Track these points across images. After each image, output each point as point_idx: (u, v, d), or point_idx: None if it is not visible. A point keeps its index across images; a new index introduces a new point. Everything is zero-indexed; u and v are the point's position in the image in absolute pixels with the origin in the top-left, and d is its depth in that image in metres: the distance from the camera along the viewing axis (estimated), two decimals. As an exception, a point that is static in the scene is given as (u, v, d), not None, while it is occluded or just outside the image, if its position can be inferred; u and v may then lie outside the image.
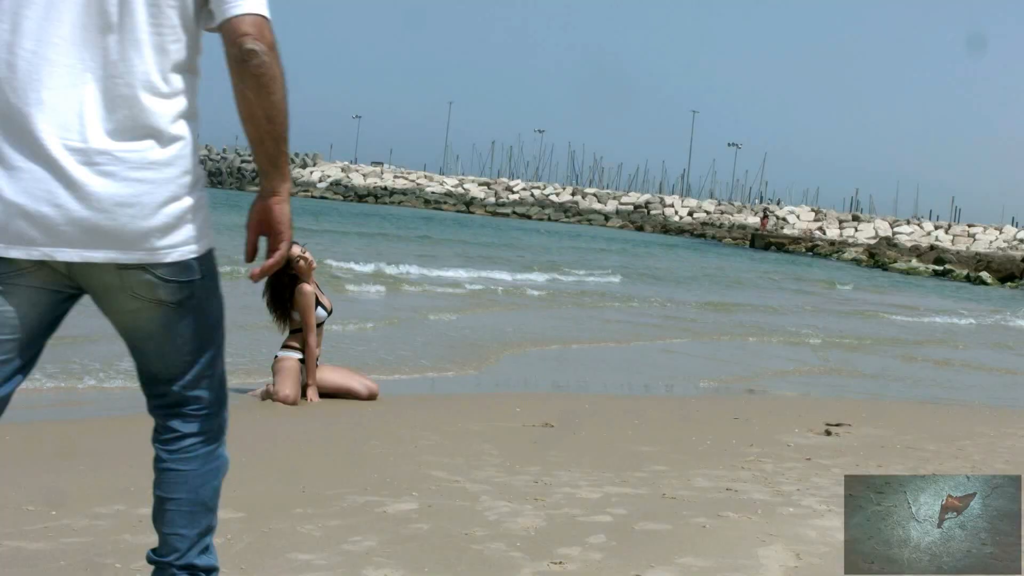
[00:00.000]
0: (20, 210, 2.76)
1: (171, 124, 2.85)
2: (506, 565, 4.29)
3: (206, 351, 3.07)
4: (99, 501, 4.93)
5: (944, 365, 14.71)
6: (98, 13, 2.78)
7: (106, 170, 2.76)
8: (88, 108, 2.77)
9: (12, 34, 2.79)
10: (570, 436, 7.20)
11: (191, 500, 3.13)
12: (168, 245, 2.85)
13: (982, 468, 6.97)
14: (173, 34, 2.84)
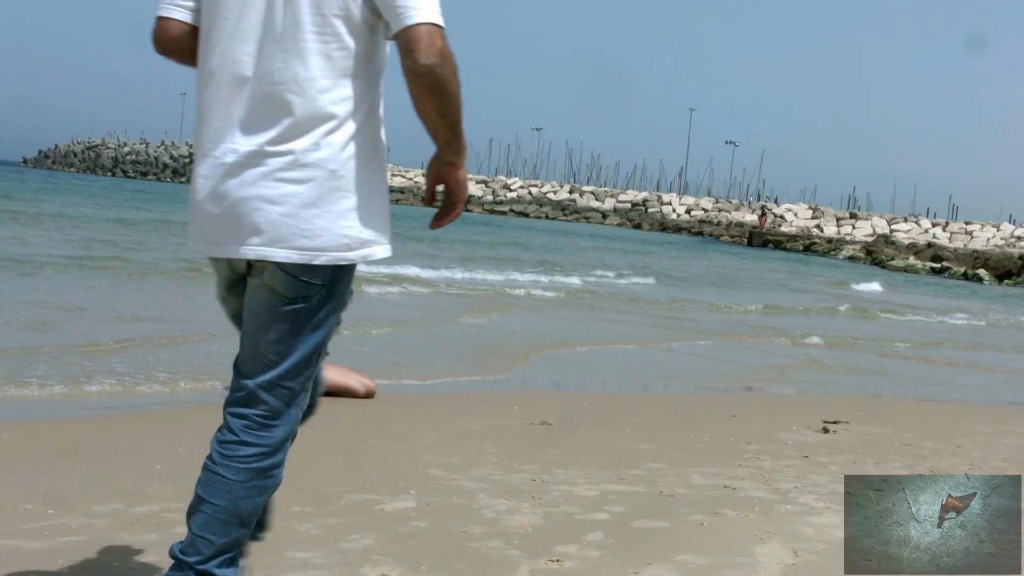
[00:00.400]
0: (200, 211, 3.10)
1: (333, 129, 3.01)
2: (504, 563, 4.29)
3: (290, 359, 3.14)
4: (96, 500, 4.93)
5: (951, 364, 14.72)
6: (268, 24, 2.99)
7: (262, 173, 2.99)
8: (252, 114, 3.00)
9: (204, 54, 3.10)
10: (568, 434, 7.20)
11: (228, 510, 3.15)
12: (310, 247, 3.01)
13: (980, 466, 6.98)
14: (337, 42, 2.99)
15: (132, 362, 9.02)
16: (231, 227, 3.03)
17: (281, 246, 3.00)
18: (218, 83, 3.05)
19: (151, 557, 4.15)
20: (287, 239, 3.00)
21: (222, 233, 3.06)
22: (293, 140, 2.99)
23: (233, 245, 3.04)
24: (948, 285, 42.07)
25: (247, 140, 3.01)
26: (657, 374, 11.54)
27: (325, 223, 3.02)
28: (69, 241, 22.68)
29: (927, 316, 23.27)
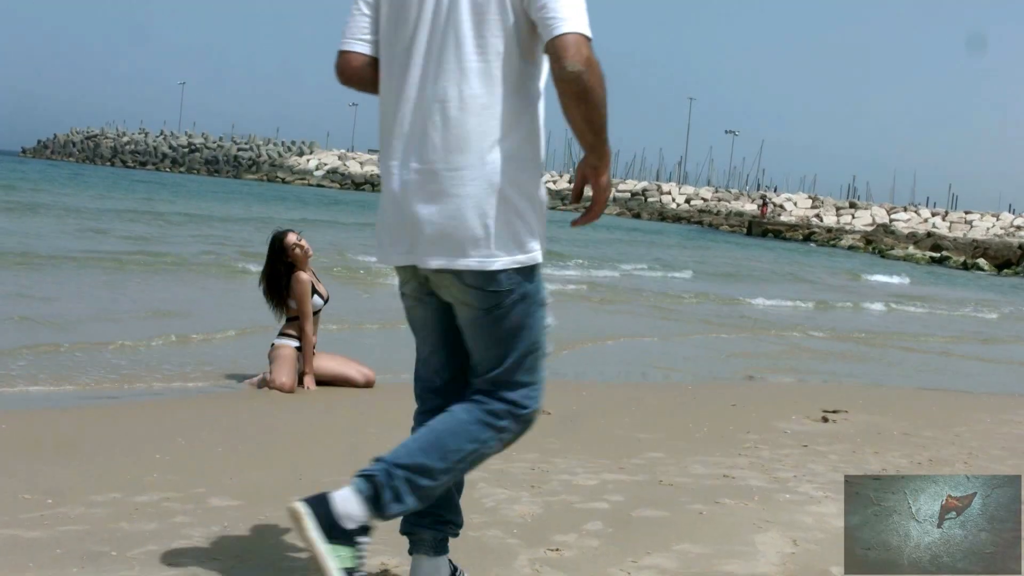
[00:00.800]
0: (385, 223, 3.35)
1: (496, 143, 3.21)
2: (503, 552, 4.29)
3: (508, 359, 3.35)
4: (95, 490, 4.92)
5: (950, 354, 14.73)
6: (435, 48, 3.23)
7: (435, 187, 3.21)
8: (425, 133, 3.23)
9: (384, 80, 3.37)
10: (567, 424, 7.20)
11: (435, 437, 3.37)
12: (486, 256, 3.22)
13: (978, 455, 6.98)
14: (498, 60, 3.20)
15: (144, 355, 9.02)
16: (415, 239, 3.26)
17: (459, 256, 3.22)
18: (396, 106, 3.30)
19: (151, 546, 4.14)
20: (465, 250, 3.21)
21: (408, 244, 3.29)
22: (462, 156, 3.20)
23: (417, 256, 3.28)
24: (965, 276, 42.03)
25: (422, 158, 3.24)
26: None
27: (496, 232, 3.21)
28: (84, 234, 22.69)
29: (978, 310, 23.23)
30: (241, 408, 7.32)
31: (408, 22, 3.29)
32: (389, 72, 3.36)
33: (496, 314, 3.30)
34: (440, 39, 3.23)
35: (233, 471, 5.44)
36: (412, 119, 3.27)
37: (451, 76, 3.21)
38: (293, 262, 8.19)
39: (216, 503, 4.82)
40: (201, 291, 14.49)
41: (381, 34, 3.39)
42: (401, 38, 3.31)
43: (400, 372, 9.07)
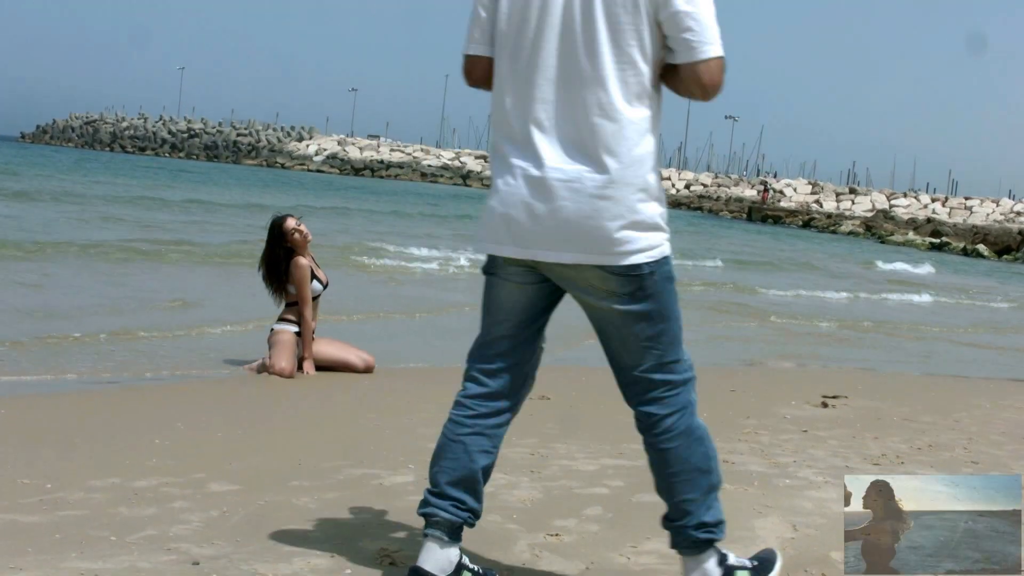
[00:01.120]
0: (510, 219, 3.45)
1: (629, 145, 3.35)
2: (503, 537, 4.29)
3: (663, 341, 3.52)
4: (94, 475, 4.92)
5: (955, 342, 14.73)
6: (570, 54, 3.36)
7: (571, 187, 3.34)
8: (562, 136, 3.38)
9: (507, 82, 3.48)
10: (567, 408, 7.19)
11: (687, 470, 3.53)
12: (626, 251, 3.36)
13: (978, 440, 6.97)
14: (632, 69, 3.35)
15: (141, 340, 9.02)
16: (551, 237, 3.39)
17: (600, 253, 3.36)
18: (524, 108, 3.42)
19: (149, 531, 4.14)
20: (605, 248, 3.35)
21: (539, 240, 3.41)
22: (601, 158, 3.34)
23: (555, 252, 3.41)
24: (972, 263, 42.01)
25: (558, 159, 3.37)
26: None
27: (635, 229, 3.36)
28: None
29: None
30: (240, 393, 7.31)
31: (530, 23, 3.41)
32: (513, 73, 3.46)
33: (634, 306, 3.44)
34: (573, 45, 3.36)
35: (232, 456, 5.43)
36: (545, 122, 3.40)
37: (589, 82, 3.35)
38: (292, 247, 8.18)
39: (215, 488, 4.81)
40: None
41: (500, 35, 3.49)
42: (525, 40, 3.42)
43: (400, 359, 9.08)
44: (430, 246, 22.16)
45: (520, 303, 3.63)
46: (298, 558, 3.91)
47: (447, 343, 10.34)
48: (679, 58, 3.36)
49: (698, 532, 3.56)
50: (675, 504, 3.59)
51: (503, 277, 3.61)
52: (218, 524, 4.29)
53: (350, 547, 4.06)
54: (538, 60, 3.41)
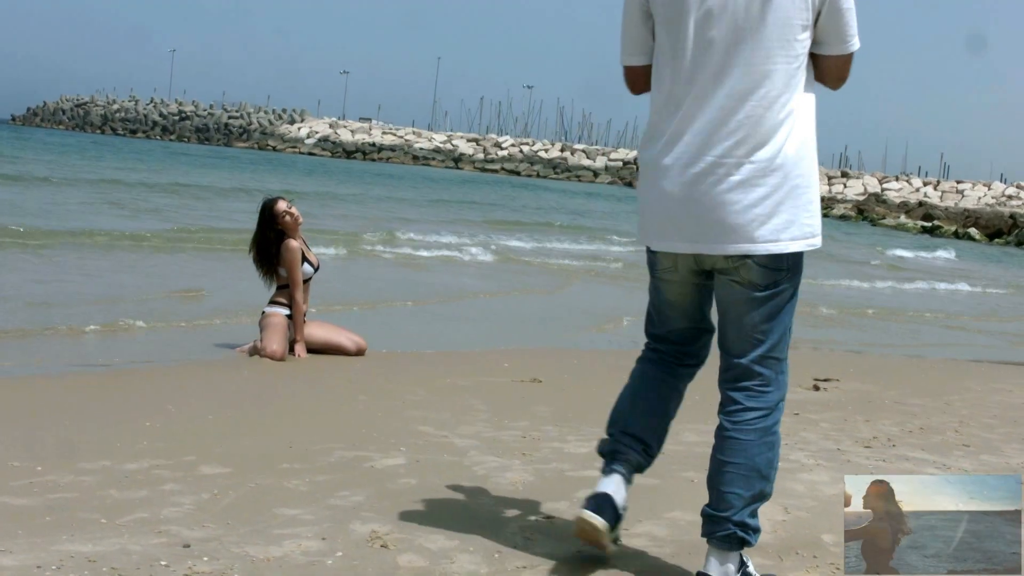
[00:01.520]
0: (669, 213, 3.60)
1: (791, 137, 3.49)
2: (494, 519, 4.28)
3: (773, 335, 3.64)
4: (85, 457, 4.90)
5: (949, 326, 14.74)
6: (735, 48, 3.47)
7: (736, 179, 3.46)
8: (723, 128, 3.48)
9: (665, 77, 3.61)
10: (558, 391, 7.19)
11: (748, 466, 3.61)
12: (779, 239, 3.50)
13: (969, 422, 6.99)
14: (796, 62, 3.49)
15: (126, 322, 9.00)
16: (709, 228, 3.52)
17: (757, 242, 3.48)
18: (686, 103, 3.53)
19: (140, 514, 4.13)
20: (761, 236, 3.48)
21: (699, 233, 3.54)
22: (759, 149, 3.46)
23: (713, 243, 3.53)
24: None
25: (724, 152, 3.47)
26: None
27: (789, 218, 3.50)
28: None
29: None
30: (231, 376, 7.30)
31: (687, 23, 3.52)
32: (675, 71, 3.57)
33: (772, 290, 3.59)
34: (739, 41, 3.46)
35: (223, 439, 5.42)
36: (709, 116, 3.49)
37: (756, 76, 3.46)
38: (283, 229, 8.16)
39: (206, 470, 4.80)
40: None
41: (659, 36, 3.63)
42: (683, 39, 3.53)
43: (391, 343, 9.06)
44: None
45: (685, 296, 3.86)
46: (289, 541, 3.90)
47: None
48: (830, 50, 3.56)
49: (737, 529, 3.62)
50: (722, 494, 3.64)
51: (662, 276, 3.85)
52: (209, 507, 4.28)
53: (341, 530, 4.05)
54: (708, 58, 3.51)
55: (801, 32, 3.48)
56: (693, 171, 3.51)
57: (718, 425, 3.72)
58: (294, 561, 3.73)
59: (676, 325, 3.91)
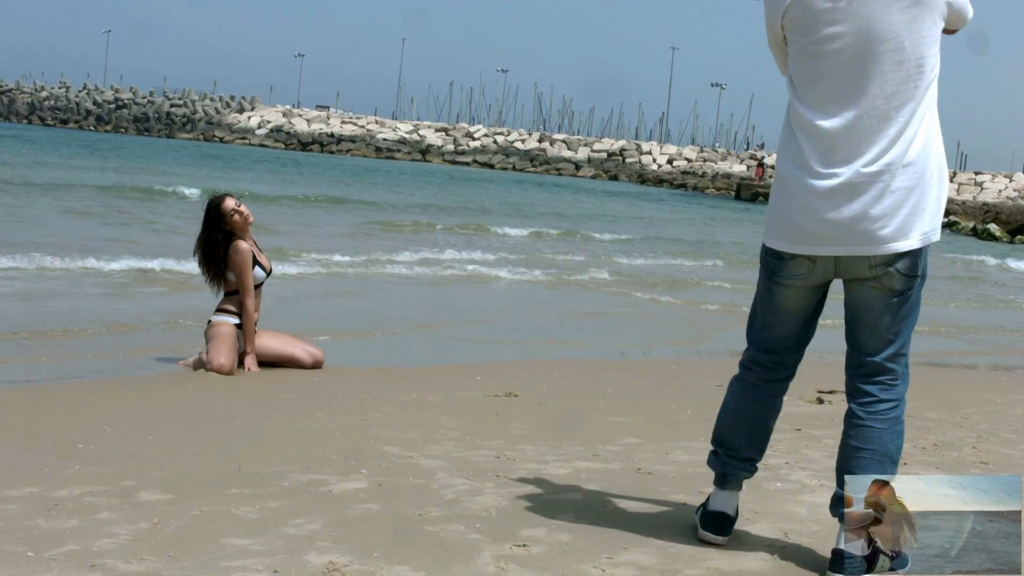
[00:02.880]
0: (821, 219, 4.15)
1: (928, 146, 4.11)
2: (464, 548, 4.29)
3: (904, 334, 4.27)
4: (9, 484, 4.89)
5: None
6: (875, 65, 4.08)
7: (882, 185, 4.05)
8: (865, 138, 4.07)
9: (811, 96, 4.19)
10: (536, 406, 7.21)
11: (880, 452, 4.24)
12: (918, 236, 4.11)
13: (988, 438, 7.03)
14: (931, 73, 4.11)
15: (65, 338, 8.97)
16: (863, 232, 4.08)
17: (906, 239, 4.08)
18: (832, 118, 4.10)
19: (71, 546, 4.12)
20: (909, 234, 4.08)
21: (851, 237, 4.10)
22: (908, 158, 4.05)
23: (867, 246, 4.10)
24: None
25: (871, 161, 4.05)
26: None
27: (927, 215, 4.11)
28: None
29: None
30: (174, 392, 7.29)
31: (829, 43, 4.10)
32: (820, 88, 4.15)
33: (907, 294, 4.21)
34: (879, 60, 4.05)
35: (165, 462, 5.42)
36: (856, 128, 4.07)
37: (898, 91, 4.05)
38: (232, 230, 8.14)
39: (145, 497, 4.79)
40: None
41: (796, 57, 4.22)
42: (825, 62, 4.12)
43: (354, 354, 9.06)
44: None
45: (802, 304, 4.44)
46: (237, 574, 3.90)
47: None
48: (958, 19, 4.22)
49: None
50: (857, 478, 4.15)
51: (787, 282, 4.40)
52: (148, 537, 4.27)
53: (295, 561, 4.05)
54: (850, 77, 4.11)
55: (934, 49, 4.11)
56: (843, 180, 4.10)
57: (848, 413, 4.32)
58: (243, 596, 3.72)
59: (784, 332, 4.49)
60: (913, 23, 4.05)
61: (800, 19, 4.15)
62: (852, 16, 4.06)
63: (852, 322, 4.33)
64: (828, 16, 4.09)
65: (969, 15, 4.20)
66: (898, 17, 4.03)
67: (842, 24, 4.07)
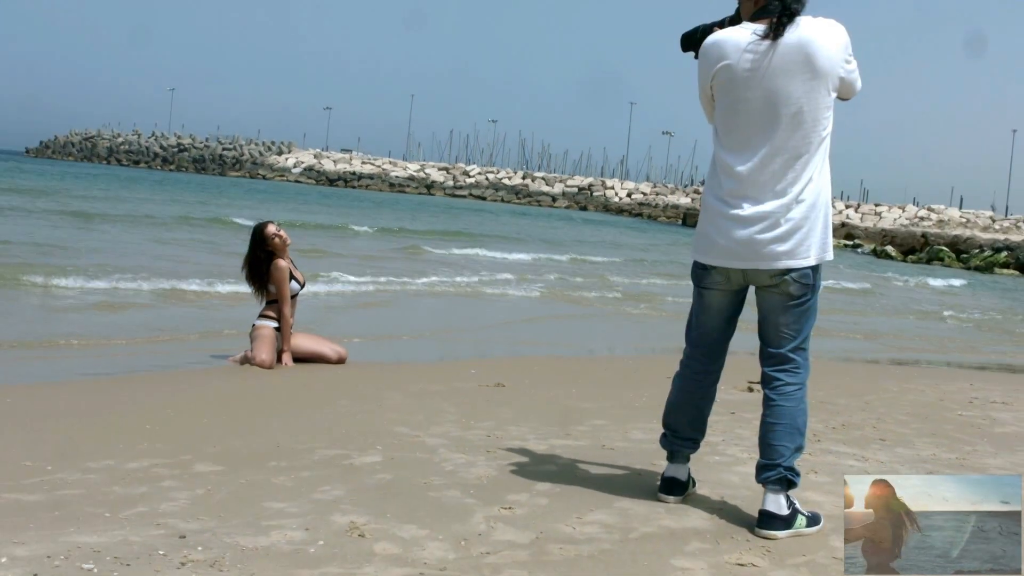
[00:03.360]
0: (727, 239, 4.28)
1: (816, 182, 4.21)
2: (461, 510, 4.28)
3: (803, 331, 4.35)
4: (91, 457, 4.87)
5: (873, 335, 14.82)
6: (781, 120, 4.16)
7: (782, 215, 4.17)
8: (777, 175, 4.18)
9: (737, 139, 4.26)
10: (520, 395, 7.19)
11: (791, 425, 4.29)
12: (810, 255, 4.22)
13: (886, 419, 7.04)
14: (824, 126, 4.21)
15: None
16: (762, 251, 4.19)
17: (796, 258, 4.19)
18: (745, 161, 4.19)
19: (140, 508, 4.10)
20: (798, 254, 4.18)
21: (754, 254, 4.20)
22: (796, 190, 4.16)
23: (766, 262, 4.20)
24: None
25: (772, 192, 4.17)
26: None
27: (815, 240, 4.21)
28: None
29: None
30: (224, 383, 7.26)
31: (745, 104, 4.18)
32: (737, 137, 4.24)
33: (803, 299, 4.28)
34: (783, 119, 4.13)
35: (216, 439, 5.39)
36: (763, 171, 4.16)
37: (797, 144, 4.14)
38: (273, 250, 8.13)
39: (200, 468, 4.77)
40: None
41: (720, 112, 4.30)
42: (741, 118, 4.20)
43: (368, 349, 9.03)
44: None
45: (723, 306, 4.53)
46: (275, 531, 3.88)
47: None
48: (846, 92, 4.28)
49: (787, 473, 4.25)
50: (773, 447, 4.27)
51: (710, 288, 4.50)
52: (203, 501, 4.26)
53: (323, 521, 4.03)
54: (762, 130, 4.20)
55: (827, 110, 4.17)
56: (753, 211, 4.20)
57: (764, 397, 4.36)
58: (280, 550, 3.70)
59: (712, 329, 4.57)
60: (811, 92, 4.12)
61: (725, 82, 4.22)
62: (764, 84, 4.14)
63: (761, 322, 4.40)
64: (746, 82, 4.16)
65: (858, 88, 4.27)
66: (799, 87, 4.11)
67: (756, 89, 4.15)
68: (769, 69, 4.12)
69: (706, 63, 4.29)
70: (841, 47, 4.16)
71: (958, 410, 7.66)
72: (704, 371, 4.61)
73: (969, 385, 9.12)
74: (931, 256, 46.44)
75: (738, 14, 4.35)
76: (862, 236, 53.58)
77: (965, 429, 6.90)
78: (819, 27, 4.15)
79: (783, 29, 4.12)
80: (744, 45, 4.17)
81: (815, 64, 4.11)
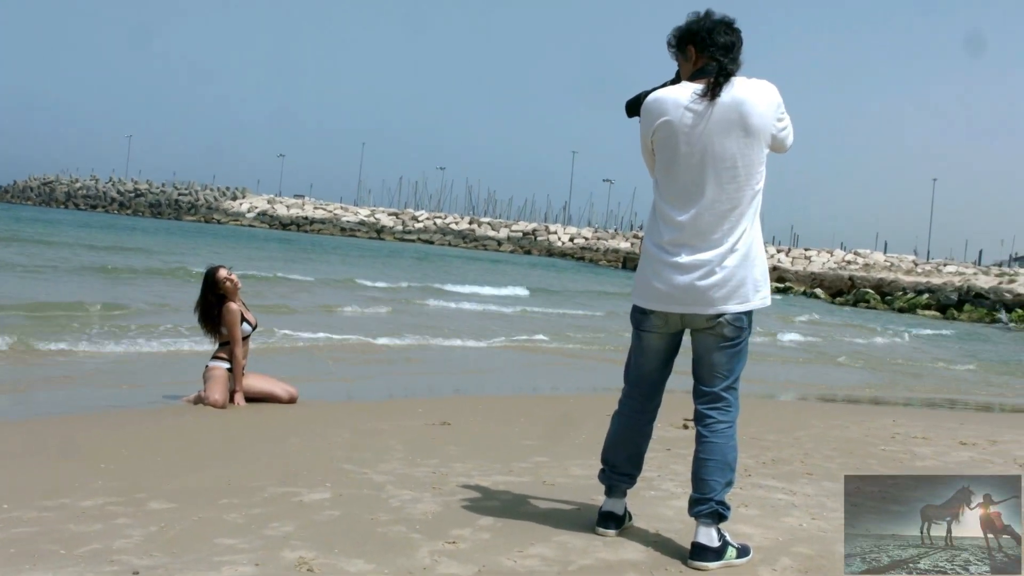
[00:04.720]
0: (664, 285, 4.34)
1: (749, 232, 4.28)
2: (407, 545, 4.28)
3: (735, 372, 4.41)
4: (46, 495, 4.81)
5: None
6: (716, 175, 4.23)
7: (716, 262, 4.24)
8: (712, 225, 4.24)
9: (675, 188, 4.32)
10: (465, 433, 7.20)
11: (722, 460, 4.33)
12: (745, 301, 4.29)
13: (813, 454, 7.13)
14: (756, 180, 4.28)
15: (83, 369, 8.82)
16: (700, 296, 4.26)
17: (731, 303, 4.26)
18: (683, 211, 4.26)
19: (95, 545, 4.06)
20: (733, 300, 4.26)
21: (692, 299, 4.27)
22: (732, 240, 4.22)
23: (703, 307, 4.27)
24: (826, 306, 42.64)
25: (709, 242, 4.22)
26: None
27: (749, 286, 4.28)
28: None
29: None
30: (178, 422, 7.20)
31: (684, 158, 4.24)
32: (675, 189, 4.30)
33: (735, 341, 4.35)
34: (719, 173, 4.20)
35: (170, 477, 5.35)
36: (700, 221, 4.22)
37: (727, 191, 4.20)
38: (224, 294, 8.09)
39: (154, 506, 4.74)
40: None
41: (660, 165, 4.35)
42: (680, 171, 4.26)
43: (314, 390, 8.99)
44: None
45: (661, 348, 4.57)
46: (227, 567, 3.86)
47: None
48: (777, 147, 4.36)
49: (718, 507, 4.29)
50: (705, 482, 4.31)
51: (649, 331, 4.54)
52: (156, 538, 4.23)
53: (273, 556, 4.02)
54: (697, 183, 4.26)
55: (760, 164, 4.25)
56: (688, 258, 4.27)
57: (697, 434, 4.40)
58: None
59: (649, 370, 4.59)
60: (745, 148, 4.21)
61: (665, 138, 4.29)
62: (701, 140, 4.21)
63: (696, 362, 4.46)
64: (684, 138, 4.24)
65: (789, 143, 4.38)
66: (734, 144, 4.20)
67: (694, 145, 4.23)
68: (707, 127, 4.21)
69: (648, 119, 4.36)
70: (773, 106, 4.25)
71: (881, 445, 7.77)
72: (642, 410, 4.65)
73: (892, 421, 9.25)
74: (857, 298, 47.04)
75: (678, 76, 4.44)
76: (792, 279, 54.15)
77: (887, 464, 7.00)
78: (752, 88, 4.24)
79: (720, 89, 4.21)
80: (684, 103, 4.25)
81: (749, 123, 4.20)
